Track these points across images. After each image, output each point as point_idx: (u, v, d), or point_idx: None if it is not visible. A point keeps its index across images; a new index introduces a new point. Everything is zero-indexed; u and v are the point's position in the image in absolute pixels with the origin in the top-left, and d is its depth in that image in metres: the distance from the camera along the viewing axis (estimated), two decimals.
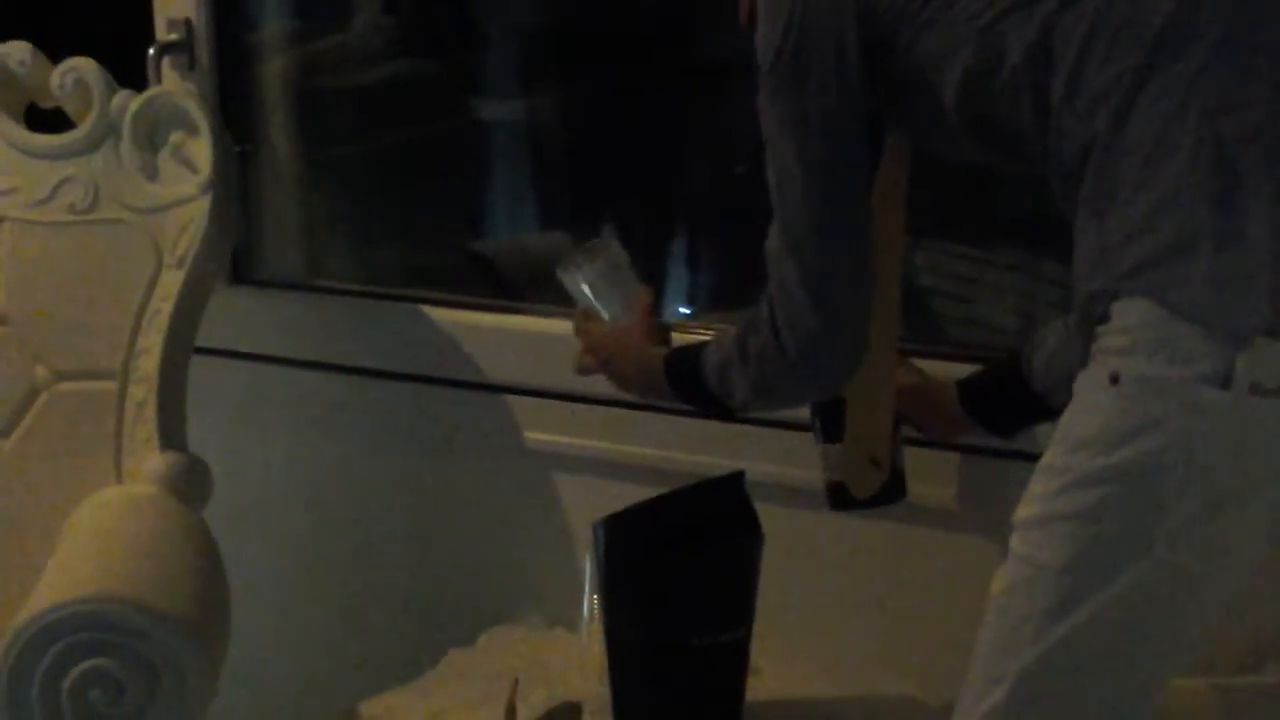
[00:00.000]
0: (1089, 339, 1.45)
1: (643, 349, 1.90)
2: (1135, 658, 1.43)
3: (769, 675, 2.17)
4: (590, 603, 2.23)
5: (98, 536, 2.02)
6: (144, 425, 2.20)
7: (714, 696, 2.00)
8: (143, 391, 2.21)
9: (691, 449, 2.26)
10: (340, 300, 2.61)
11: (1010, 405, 1.52)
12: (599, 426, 2.36)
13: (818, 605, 2.27)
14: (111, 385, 2.22)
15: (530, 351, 2.42)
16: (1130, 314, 1.39)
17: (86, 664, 1.76)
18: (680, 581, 1.94)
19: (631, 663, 2.05)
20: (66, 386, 2.26)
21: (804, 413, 2.03)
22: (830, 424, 1.88)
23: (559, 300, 2.46)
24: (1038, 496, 1.46)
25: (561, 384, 2.38)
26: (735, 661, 2.06)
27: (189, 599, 1.86)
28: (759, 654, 2.09)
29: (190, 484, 2.16)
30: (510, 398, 2.44)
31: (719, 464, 2.09)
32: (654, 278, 2.71)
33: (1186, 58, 1.39)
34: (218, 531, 2.07)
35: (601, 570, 2.06)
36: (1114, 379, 1.39)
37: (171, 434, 2.20)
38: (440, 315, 2.49)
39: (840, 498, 1.90)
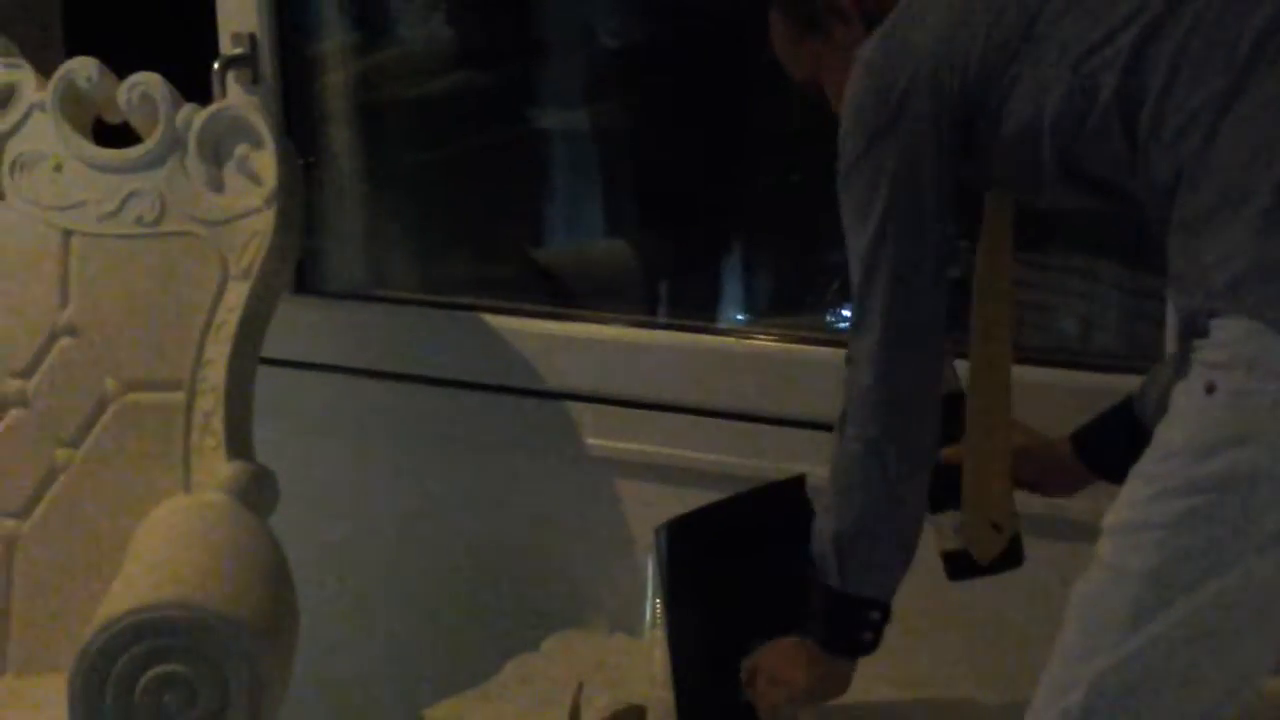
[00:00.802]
0: (1188, 351, 1.44)
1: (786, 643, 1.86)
2: (1213, 670, 1.41)
3: None
4: (652, 607, 2.23)
5: (167, 544, 2.04)
6: (211, 435, 2.22)
7: None
8: (210, 402, 2.23)
9: (753, 454, 2.27)
10: (403, 309, 2.64)
11: (1128, 449, 1.50)
12: (660, 432, 2.38)
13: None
14: (179, 396, 2.25)
15: (591, 358, 2.44)
16: (1228, 330, 1.39)
17: (159, 669, 1.77)
18: (742, 585, 1.94)
19: (694, 667, 2.05)
20: (135, 397, 2.28)
21: None
22: (941, 493, 1.84)
23: (618, 307, 2.49)
24: (1128, 503, 1.45)
25: (622, 389, 2.40)
26: None
27: (259, 605, 1.88)
28: None
29: (257, 492, 2.18)
30: (571, 404, 2.45)
31: (780, 468, 2.10)
32: (713, 284, 2.74)
33: (1276, 77, 1.39)
34: (283, 539, 2.09)
35: (664, 574, 2.07)
36: (1210, 389, 1.39)
37: (238, 443, 2.23)
38: (501, 323, 2.50)
39: (957, 566, 1.85)
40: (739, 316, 2.66)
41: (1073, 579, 1.49)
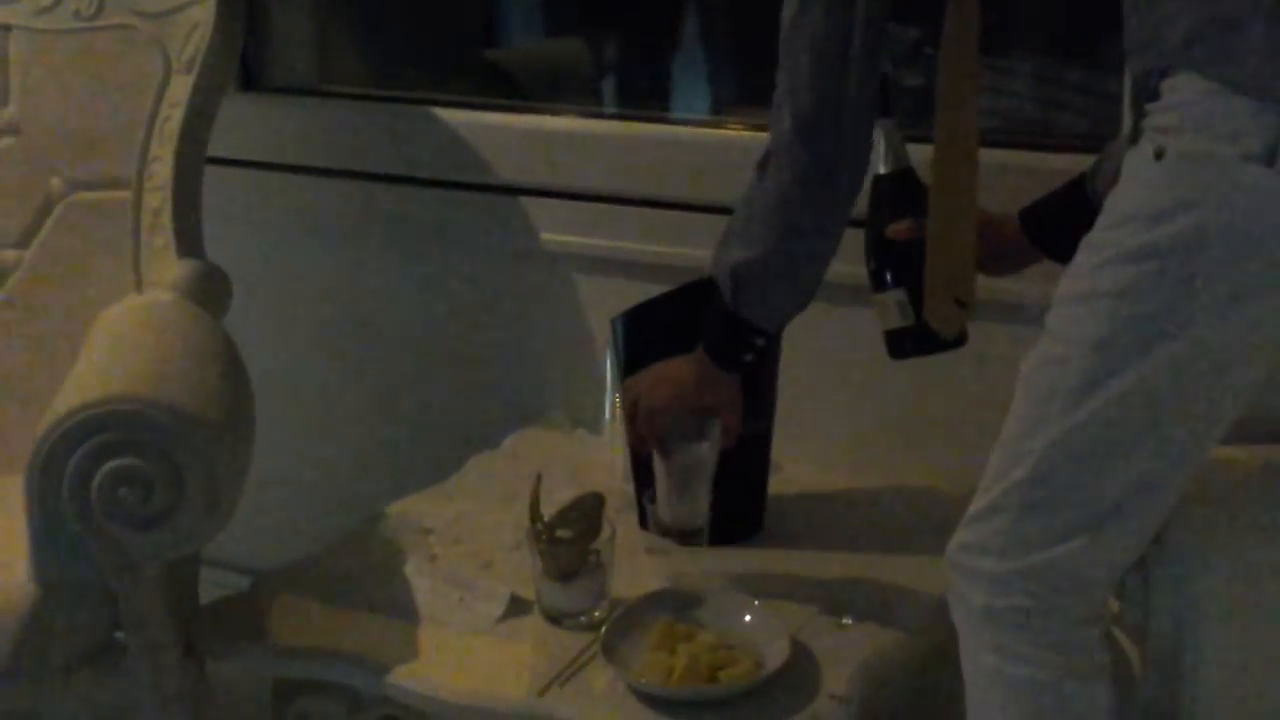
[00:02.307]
0: (1139, 117, 1.42)
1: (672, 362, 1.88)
2: (1161, 437, 1.42)
3: (789, 470, 2.19)
4: (612, 402, 2.24)
5: (121, 341, 2.02)
6: (161, 233, 2.19)
7: (736, 490, 2.02)
8: (158, 199, 2.20)
9: (707, 244, 2.25)
10: (352, 105, 2.59)
11: (1077, 227, 1.49)
12: (615, 225, 2.36)
13: (838, 399, 2.28)
14: (126, 194, 2.21)
15: (543, 151, 2.41)
16: (1179, 90, 1.37)
17: (115, 463, 1.76)
18: None
19: (652, 456, 2.06)
20: (82, 196, 2.25)
21: None
22: (886, 271, 1.83)
23: (570, 100, 2.45)
24: (1076, 273, 1.45)
25: (575, 183, 2.38)
26: (757, 455, 2.07)
27: (212, 399, 1.87)
28: (778, 453, 2.11)
29: (209, 291, 2.16)
30: (525, 199, 2.43)
31: None
32: (667, 80, 2.70)
33: None
34: (237, 340, 2.08)
35: (621, 365, 2.07)
36: (1159, 154, 1.37)
37: (188, 241, 2.20)
38: (453, 117, 2.46)
39: (899, 345, 1.84)
40: (692, 110, 2.63)
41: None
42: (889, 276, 1.80)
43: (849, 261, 1.80)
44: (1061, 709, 1.46)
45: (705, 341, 1.83)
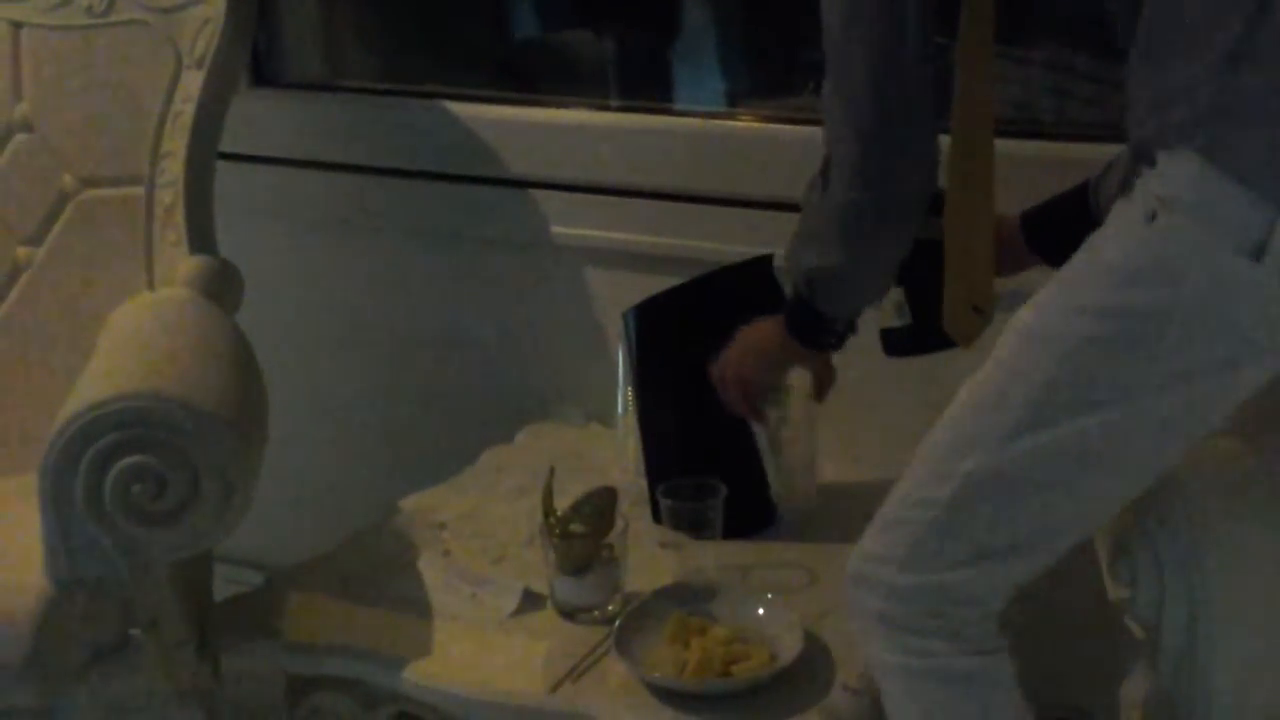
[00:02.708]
0: (1133, 175, 1.41)
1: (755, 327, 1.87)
2: (1083, 490, 1.43)
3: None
4: (624, 394, 2.24)
5: (134, 338, 2.02)
6: (173, 229, 2.19)
7: (746, 478, 2.02)
8: (170, 196, 2.20)
9: (719, 237, 2.25)
10: (363, 99, 2.59)
11: (1076, 236, 1.48)
12: (627, 217, 2.35)
13: (852, 392, 2.27)
14: (139, 190, 2.21)
15: (554, 145, 2.41)
16: (1179, 165, 1.35)
17: (128, 460, 1.76)
18: (711, 366, 1.94)
19: (665, 448, 2.06)
20: (94, 193, 2.25)
21: None
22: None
23: (581, 93, 2.44)
24: (1044, 305, 1.44)
25: (586, 176, 2.37)
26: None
27: (226, 395, 1.86)
28: None
29: (222, 287, 2.16)
30: (536, 192, 2.42)
31: (748, 251, 2.09)
32: (675, 70, 2.69)
33: None
34: (250, 336, 2.08)
35: (633, 358, 2.07)
36: (1151, 216, 1.36)
37: (201, 237, 2.20)
38: (464, 111, 2.46)
39: (894, 344, 1.85)
40: (703, 102, 2.61)
41: None
42: None
43: None
44: (966, 691, 1.48)
45: (789, 323, 1.81)
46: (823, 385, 1.91)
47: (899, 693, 1.53)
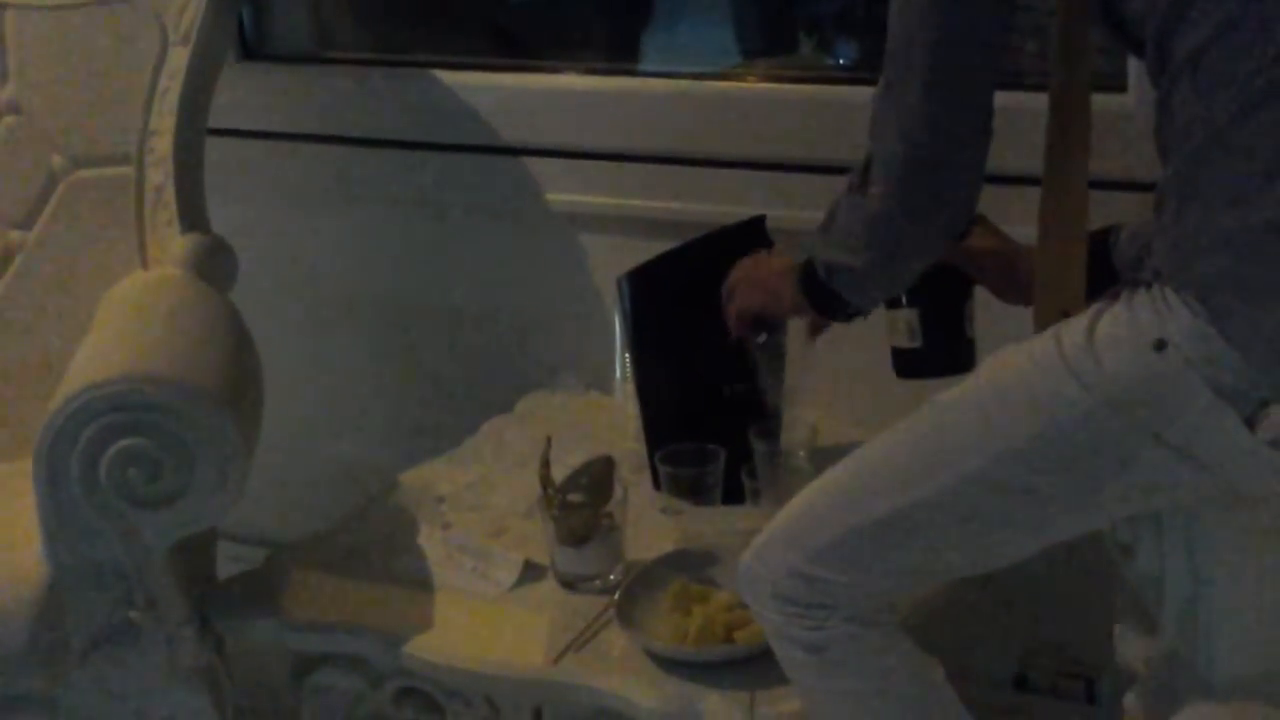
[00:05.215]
0: (1151, 280, 1.39)
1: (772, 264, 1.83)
2: (1006, 540, 1.47)
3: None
4: (622, 362, 2.23)
5: (127, 320, 2.02)
6: (164, 208, 2.18)
7: (745, 442, 2.01)
8: (160, 175, 2.19)
9: (714, 199, 2.23)
10: (353, 70, 2.57)
11: (1092, 278, 1.45)
12: (621, 183, 2.34)
13: (856, 357, 2.25)
14: (129, 170, 2.21)
15: (545, 111, 2.39)
16: (1189, 319, 1.33)
17: (122, 443, 1.76)
18: (707, 329, 1.92)
19: (663, 413, 2.05)
20: (85, 174, 2.24)
21: (827, 155, 2.00)
22: (904, 290, 1.75)
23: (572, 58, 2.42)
24: (1036, 359, 1.42)
25: (578, 142, 2.36)
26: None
27: (221, 375, 1.86)
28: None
29: (215, 265, 2.15)
30: (529, 159, 2.41)
31: (741, 212, 2.07)
32: (669, 32, 2.66)
33: None
34: (244, 313, 2.07)
35: (629, 323, 2.06)
36: (1159, 346, 1.34)
37: (192, 216, 2.19)
38: (455, 79, 2.44)
39: (907, 364, 1.80)
40: (695, 64, 2.59)
41: None
42: (903, 295, 1.76)
43: None
44: (864, 660, 1.53)
45: (804, 290, 1.72)
46: (817, 327, 1.88)
47: (788, 657, 1.57)
